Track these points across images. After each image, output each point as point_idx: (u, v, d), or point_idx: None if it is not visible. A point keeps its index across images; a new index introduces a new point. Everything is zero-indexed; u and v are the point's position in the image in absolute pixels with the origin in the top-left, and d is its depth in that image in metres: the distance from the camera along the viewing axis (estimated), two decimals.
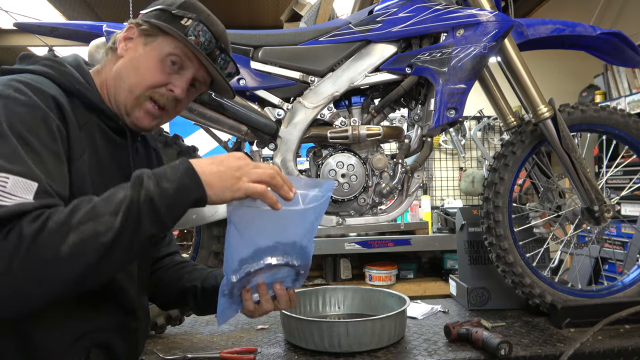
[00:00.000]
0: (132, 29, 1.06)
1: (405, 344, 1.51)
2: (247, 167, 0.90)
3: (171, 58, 1.03)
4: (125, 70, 1.04)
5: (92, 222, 0.77)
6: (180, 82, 1.05)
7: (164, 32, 1.03)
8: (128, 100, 1.03)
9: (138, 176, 0.84)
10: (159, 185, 0.82)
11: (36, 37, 1.35)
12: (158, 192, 0.82)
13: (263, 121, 1.57)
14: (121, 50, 1.06)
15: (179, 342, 1.61)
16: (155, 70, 1.03)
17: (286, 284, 1.04)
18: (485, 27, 1.53)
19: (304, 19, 3.01)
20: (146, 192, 0.81)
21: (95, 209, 0.79)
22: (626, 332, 1.55)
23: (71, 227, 0.76)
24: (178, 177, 0.84)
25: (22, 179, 0.78)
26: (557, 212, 1.79)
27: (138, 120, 1.05)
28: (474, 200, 4.47)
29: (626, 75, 3.42)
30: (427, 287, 3.65)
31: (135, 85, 1.02)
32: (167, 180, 0.83)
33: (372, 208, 1.67)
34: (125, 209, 0.79)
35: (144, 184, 0.82)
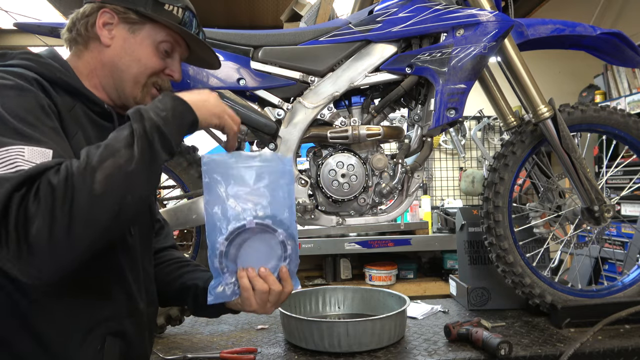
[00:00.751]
0: (108, 13, 1.04)
1: (405, 344, 1.51)
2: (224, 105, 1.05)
3: (164, 45, 1.09)
4: (123, 62, 1.05)
5: (112, 158, 0.82)
6: (176, 65, 1.13)
7: (152, 20, 1.06)
8: (136, 91, 1.08)
9: (135, 112, 0.90)
10: (159, 115, 0.91)
11: (36, 37, 1.35)
12: (160, 120, 0.90)
13: (263, 121, 1.57)
14: (105, 38, 1.05)
15: (179, 342, 1.61)
16: (154, 58, 1.08)
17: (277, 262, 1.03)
18: (485, 27, 1.53)
19: (304, 19, 3.01)
20: (150, 122, 0.89)
21: (109, 147, 0.84)
22: (626, 332, 1.55)
23: (95, 167, 0.80)
24: (171, 106, 0.94)
25: (37, 148, 0.81)
26: (557, 212, 1.79)
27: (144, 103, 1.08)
28: (474, 200, 4.46)
29: (626, 75, 3.41)
30: (427, 287, 3.65)
31: (139, 75, 1.07)
32: (162, 110, 0.92)
33: (372, 208, 1.67)
34: (138, 139, 0.86)
35: (145, 117, 0.89)
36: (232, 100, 1.56)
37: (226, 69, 1.54)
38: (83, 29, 1.06)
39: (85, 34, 1.06)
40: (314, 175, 1.62)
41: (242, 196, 1.00)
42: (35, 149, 0.81)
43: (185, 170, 1.66)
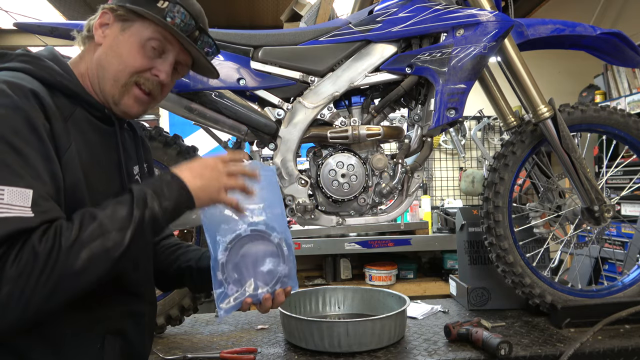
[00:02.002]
0: (107, 14, 1.03)
1: (405, 344, 1.51)
2: (222, 177, 1.00)
3: (151, 43, 1.03)
4: (106, 59, 1.02)
5: (101, 239, 0.84)
6: (164, 66, 1.05)
7: (142, 17, 1.02)
8: (114, 90, 1.02)
9: (141, 195, 0.91)
10: (161, 206, 0.92)
11: (36, 37, 1.35)
12: (161, 211, 0.91)
13: (263, 121, 1.57)
14: (98, 37, 1.03)
15: (179, 342, 1.61)
16: (137, 55, 1.02)
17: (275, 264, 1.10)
18: (485, 27, 1.53)
19: (304, 19, 3.01)
20: (151, 212, 0.90)
21: (102, 226, 0.85)
22: (626, 332, 1.55)
23: (83, 244, 0.82)
24: (175, 196, 0.94)
25: (16, 189, 0.80)
26: (557, 212, 1.79)
27: (127, 108, 1.05)
28: (474, 200, 4.46)
29: (626, 75, 3.41)
30: (427, 287, 3.65)
31: (119, 72, 1.02)
32: (166, 199, 0.93)
33: (372, 208, 1.67)
34: (133, 227, 0.87)
35: (148, 205, 0.90)
36: (232, 100, 1.56)
37: (226, 69, 1.54)
38: (86, 30, 1.06)
39: (86, 34, 1.06)
40: (314, 175, 1.62)
41: None
42: (15, 190, 0.80)
43: None
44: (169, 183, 0.95)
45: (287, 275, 1.11)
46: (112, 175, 1.04)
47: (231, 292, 1.06)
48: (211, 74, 1.20)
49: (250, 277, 1.08)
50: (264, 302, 1.09)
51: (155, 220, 0.91)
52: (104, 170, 1.02)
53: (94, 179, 0.97)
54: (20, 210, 0.79)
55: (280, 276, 1.10)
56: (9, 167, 0.81)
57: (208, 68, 1.16)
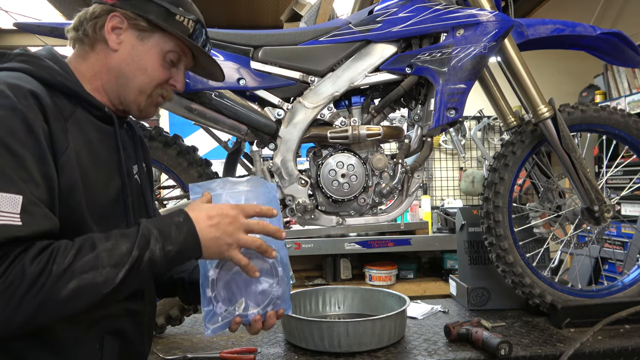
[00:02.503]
0: (118, 17, 1.02)
1: (405, 344, 1.51)
2: (239, 231, 0.96)
3: (170, 56, 1.08)
4: (128, 69, 1.04)
5: (93, 273, 0.82)
6: (179, 76, 1.12)
7: (161, 29, 1.04)
8: (140, 100, 1.07)
9: (145, 235, 0.88)
10: (163, 249, 0.89)
11: (36, 37, 1.35)
12: (162, 255, 0.89)
13: (263, 121, 1.57)
14: (113, 43, 1.03)
15: (179, 342, 1.61)
16: (161, 68, 1.07)
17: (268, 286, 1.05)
18: (485, 27, 1.53)
19: (304, 19, 3.01)
20: (151, 255, 0.87)
21: (98, 259, 0.83)
22: (626, 332, 1.55)
23: (74, 274, 0.80)
24: (182, 241, 0.91)
25: (6, 195, 0.79)
26: (557, 212, 1.79)
27: (147, 112, 1.11)
28: (474, 200, 4.46)
29: (626, 75, 3.41)
30: (427, 287, 3.65)
31: (145, 85, 1.06)
32: (171, 243, 0.90)
33: (372, 208, 1.67)
34: (128, 267, 0.85)
35: (150, 247, 0.88)
36: (232, 100, 1.56)
37: (226, 69, 1.54)
38: (91, 30, 1.03)
39: (92, 35, 1.03)
40: (314, 175, 1.62)
41: None
42: (4, 196, 0.78)
43: (185, 170, 1.66)
44: (179, 226, 0.92)
45: (280, 297, 1.06)
46: (112, 174, 1.04)
47: (219, 310, 1.01)
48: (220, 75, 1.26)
49: (241, 297, 1.03)
50: (254, 323, 1.04)
51: (153, 264, 0.88)
52: (104, 170, 1.01)
53: (94, 179, 0.97)
54: (8, 218, 0.78)
55: (273, 297, 1.05)
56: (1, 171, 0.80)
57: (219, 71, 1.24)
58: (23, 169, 0.82)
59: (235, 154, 1.76)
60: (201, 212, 0.95)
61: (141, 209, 1.13)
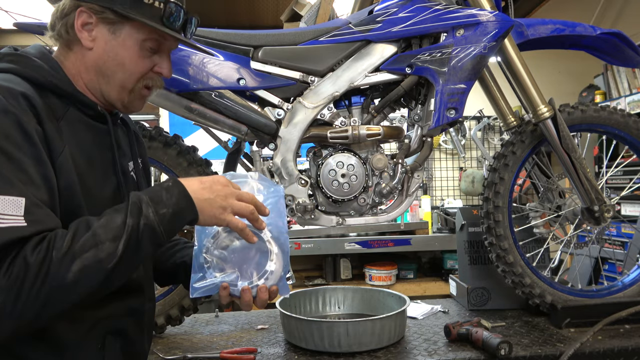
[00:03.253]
0: (85, 13, 0.97)
1: (405, 344, 1.51)
2: (232, 197, 0.97)
3: (148, 44, 1.01)
4: (107, 67, 1.00)
5: (94, 250, 0.81)
6: (164, 61, 1.06)
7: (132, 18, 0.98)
8: (123, 96, 1.03)
9: (135, 202, 0.87)
10: (157, 213, 0.88)
11: (36, 37, 1.35)
12: (157, 219, 0.88)
13: (263, 121, 1.57)
14: (86, 41, 0.98)
15: (179, 342, 1.61)
16: (140, 60, 1.01)
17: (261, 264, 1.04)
18: (485, 27, 1.53)
19: (304, 19, 3.01)
20: (145, 220, 0.86)
21: (96, 236, 0.82)
22: (626, 332, 1.55)
23: (75, 255, 0.80)
24: (174, 202, 0.90)
25: (9, 197, 0.79)
26: (557, 212, 1.78)
27: (134, 107, 1.06)
28: (474, 200, 4.46)
29: (626, 75, 3.41)
30: (427, 287, 3.65)
31: (126, 80, 1.02)
32: (164, 205, 0.89)
33: (372, 208, 1.67)
34: (126, 237, 0.84)
35: (142, 212, 0.87)
36: (232, 100, 1.56)
37: (226, 69, 1.54)
38: (64, 31, 1.00)
39: (66, 35, 1.00)
40: (314, 175, 1.62)
41: None
42: (7, 199, 0.78)
43: (185, 170, 1.66)
44: (169, 188, 0.91)
45: (274, 274, 1.04)
46: (107, 174, 1.03)
47: (209, 275, 1.01)
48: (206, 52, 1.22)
49: (233, 268, 1.03)
50: (243, 294, 1.01)
51: (151, 229, 0.87)
52: (99, 170, 1.00)
53: (90, 179, 0.96)
54: (13, 220, 0.78)
55: (265, 272, 1.04)
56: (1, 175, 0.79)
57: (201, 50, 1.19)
58: (22, 171, 0.82)
59: (235, 154, 1.76)
60: (192, 179, 0.96)
61: None
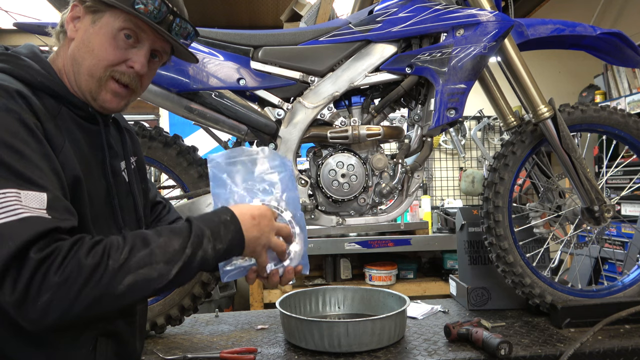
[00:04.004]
0: (77, 6, 0.99)
1: (405, 344, 1.51)
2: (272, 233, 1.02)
3: (124, 32, 0.98)
4: (79, 54, 0.98)
5: (148, 268, 0.84)
6: (139, 56, 1.00)
7: (110, 6, 0.97)
8: (91, 85, 0.99)
9: (198, 235, 0.91)
10: (214, 248, 0.92)
11: (36, 37, 1.35)
12: (213, 254, 0.92)
13: (263, 121, 1.57)
14: (71, 32, 1.00)
15: (179, 342, 1.61)
16: (110, 47, 0.98)
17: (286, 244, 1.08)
18: (485, 27, 1.53)
19: (304, 19, 3.01)
20: (203, 253, 0.90)
21: (152, 256, 0.85)
22: (626, 332, 1.55)
23: (129, 270, 0.82)
24: (229, 239, 0.94)
25: (31, 193, 0.80)
26: (557, 212, 1.78)
27: (105, 103, 1.01)
28: (474, 200, 4.46)
29: (626, 75, 3.41)
30: (427, 287, 3.65)
31: (93, 67, 0.98)
32: (220, 242, 0.93)
33: (372, 208, 1.67)
34: (181, 264, 0.87)
35: (203, 246, 0.90)
36: (232, 100, 1.56)
37: (226, 68, 1.54)
38: (59, 25, 1.03)
39: (59, 29, 1.02)
40: (314, 175, 1.62)
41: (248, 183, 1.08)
42: (29, 194, 0.79)
43: (185, 170, 1.66)
44: (227, 225, 0.95)
45: (297, 253, 1.09)
46: (97, 174, 1.02)
47: (236, 259, 1.04)
48: (190, 58, 1.15)
49: None
50: (272, 276, 1.06)
51: (205, 261, 0.91)
52: (92, 170, 1.00)
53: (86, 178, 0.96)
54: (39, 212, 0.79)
55: (289, 252, 1.08)
56: (18, 171, 0.80)
57: (185, 54, 1.11)
58: (36, 167, 0.82)
59: None
60: (245, 212, 0.98)
61: (129, 209, 1.12)
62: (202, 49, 1.54)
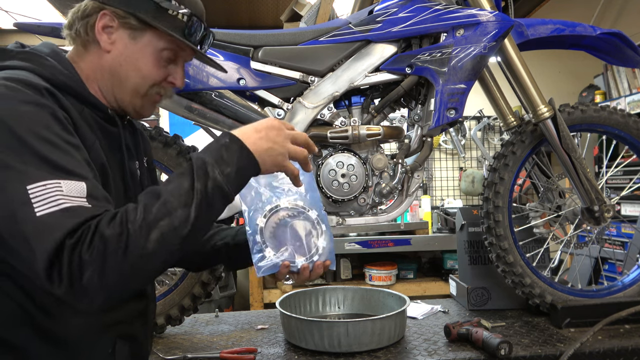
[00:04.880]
0: (108, 16, 0.98)
1: (405, 344, 1.51)
2: (288, 141, 0.97)
3: (166, 53, 1.03)
4: (122, 70, 1.01)
5: (168, 218, 0.82)
6: (178, 72, 1.07)
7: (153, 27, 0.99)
8: (135, 100, 1.05)
9: (200, 166, 0.87)
10: (222, 173, 0.88)
11: (36, 37, 1.35)
12: (223, 179, 0.88)
13: None
14: (105, 44, 1.00)
15: (179, 342, 1.61)
16: (155, 67, 1.03)
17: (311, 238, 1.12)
18: (485, 27, 1.53)
19: (304, 19, 3.01)
20: (213, 183, 0.87)
21: (167, 204, 0.83)
22: (626, 332, 1.55)
23: (150, 226, 0.80)
24: (236, 160, 0.90)
25: (72, 182, 0.80)
26: (557, 212, 1.78)
27: (145, 112, 1.08)
28: (474, 200, 4.46)
29: (626, 75, 3.41)
30: (427, 287, 3.65)
31: (139, 85, 1.03)
32: (227, 164, 0.89)
33: (372, 208, 1.67)
34: (197, 201, 0.84)
35: (209, 175, 0.87)
36: (232, 100, 1.56)
37: (226, 68, 1.54)
38: (83, 31, 1.00)
39: (84, 36, 1.01)
40: (314, 176, 1.62)
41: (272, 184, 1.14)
42: (70, 183, 0.80)
43: None
44: (228, 146, 0.91)
45: (325, 248, 1.12)
46: (115, 175, 1.03)
47: (268, 254, 1.07)
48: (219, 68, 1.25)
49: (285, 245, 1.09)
50: (302, 271, 1.08)
51: (220, 190, 0.88)
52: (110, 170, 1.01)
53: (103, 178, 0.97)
54: (80, 201, 0.80)
55: (318, 248, 1.11)
56: (56, 163, 0.81)
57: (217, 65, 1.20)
58: (72, 157, 0.83)
59: None
60: (247, 129, 0.96)
61: None
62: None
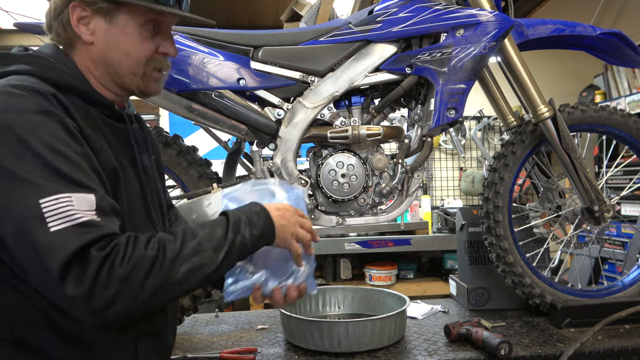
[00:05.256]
0: (78, 7, 0.95)
1: (405, 344, 1.51)
2: (298, 225, 1.07)
3: (147, 26, 1.00)
4: (112, 57, 0.99)
5: (199, 256, 0.91)
6: (167, 40, 1.05)
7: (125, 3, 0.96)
8: (137, 82, 1.03)
9: (237, 221, 0.98)
10: (251, 233, 0.99)
11: (36, 37, 1.35)
12: (250, 239, 0.99)
13: (263, 121, 1.57)
14: (86, 36, 0.97)
15: (179, 342, 1.61)
16: (141, 44, 1.00)
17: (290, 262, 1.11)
18: (485, 27, 1.53)
19: (304, 19, 3.01)
20: (242, 238, 0.97)
21: (201, 244, 0.92)
22: (626, 332, 1.55)
23: (184, 258, 0.89)
24: (262, 226, 1.01)
25: (81, 195, 0.82)
26: (557, 212, 1.78)
27: (150, 90, 1.07)
28: (474, 200, 4.46)
29: (626, 75, 3.41)
30: (427, 287, 3.65)
31: (134, 67, 1.01)
32: (255, 227, 1.00)
33: (372, 208, 1.67)
34: (226, 249, 0.95)
35: (241, 231, 0.97)
36: (232, 100, 1.56)
37: (226, 68, 1.54)
38: (62, 30, 0.98)
39: (65, 34, 0.99)
40: (314, 175, 1.62)
41: None
42: (80, 196, 0.82)
43: (185, 170, 1.66)
44: (258, 213, 1.01)
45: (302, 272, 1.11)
46: (128, 172, 1.03)
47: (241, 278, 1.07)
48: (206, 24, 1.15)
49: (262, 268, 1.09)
50: (274, 294, 1.08)
51: (244, 246, 0.97)
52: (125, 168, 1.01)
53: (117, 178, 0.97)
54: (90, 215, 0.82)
55: (293, 271, 1.10)
56: (67, 175, 0.82)
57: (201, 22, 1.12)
58: (80, 169, 0.85)
59: (235, 154, 1.76)
60: (271, 205, 1.06)
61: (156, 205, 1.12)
62: (202, 49, 1.54)
